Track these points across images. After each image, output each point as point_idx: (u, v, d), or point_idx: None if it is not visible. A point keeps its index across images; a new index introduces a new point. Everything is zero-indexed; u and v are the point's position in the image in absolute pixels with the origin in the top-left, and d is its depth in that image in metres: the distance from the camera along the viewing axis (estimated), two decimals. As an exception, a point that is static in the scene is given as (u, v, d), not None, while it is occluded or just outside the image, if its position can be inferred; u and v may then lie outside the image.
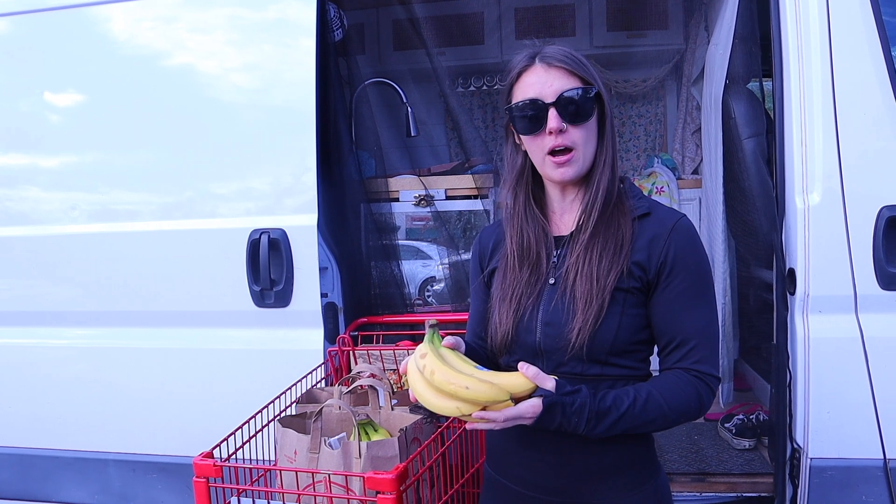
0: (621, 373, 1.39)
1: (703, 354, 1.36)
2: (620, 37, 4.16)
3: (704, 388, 1.35)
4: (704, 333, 1.37)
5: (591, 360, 1.37)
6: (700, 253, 1.40)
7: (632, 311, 1.38)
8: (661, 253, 1.37)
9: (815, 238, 2.14)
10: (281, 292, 2.45)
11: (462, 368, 1.28)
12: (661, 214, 1.42)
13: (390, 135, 3.30)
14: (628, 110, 4.62)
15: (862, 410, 2.12)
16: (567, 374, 1.37)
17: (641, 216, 1.41)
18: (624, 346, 1.37)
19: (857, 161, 2.13)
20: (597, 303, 1.35)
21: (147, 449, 2.68)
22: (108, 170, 2.69)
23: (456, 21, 3.83)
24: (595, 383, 1.36)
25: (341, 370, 2.30)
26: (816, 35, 2.16)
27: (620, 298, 1.37)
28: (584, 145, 1.40)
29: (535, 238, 1.47)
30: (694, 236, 1.40)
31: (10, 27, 2.75)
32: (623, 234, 1.39)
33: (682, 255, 1.37)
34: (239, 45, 2.58)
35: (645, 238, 1.39)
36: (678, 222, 1.40)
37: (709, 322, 1.38)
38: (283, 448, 1.75)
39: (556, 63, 1.38)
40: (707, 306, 1.39)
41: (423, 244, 3.34)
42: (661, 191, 3.62)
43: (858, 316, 2.13)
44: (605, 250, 1.38)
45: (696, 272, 1.38)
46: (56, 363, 2.77)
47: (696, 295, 1.37)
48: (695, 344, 1.36)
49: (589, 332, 1.34)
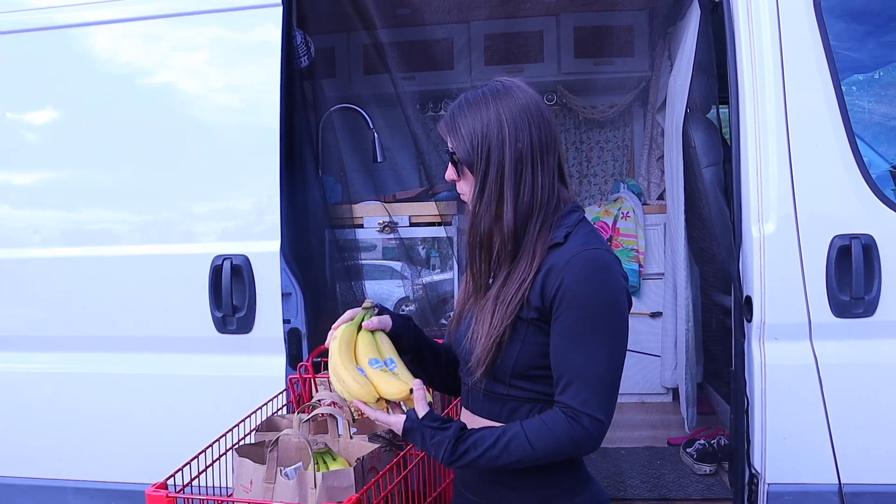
0: (527, 395, 1.41)
1: (582, 393, 1.32)
2: (587, 63, 4.21)
3: (580, 429, 1.31)
4: (588, 372, 1.32)
5: (497, 381, 1.42)
6: (596, 288, 1.35)
7: (533, 340, 1.39)
8: (553, 285, 1.35)
9: (770, 266, 2.19)
10: (243, 318, 2.44)
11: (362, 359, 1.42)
12: (568, 246, 1.39)
13: (356, 159, 3.31)
14: (595, 136, 4.68)
15: (817, 436, 2.16)
16: (482, 389, 1.46)
17: (553, 246, 1.41)
18: (525, 371, 1.40)
19: (810, 190, 2.18)
20: (499, 328, 1.39)
21: (107, 476, 2.64)
22: (79, 188, 2.69)
23: (425, 47, 3.87)
24: (503, 401, 1.43)
25: (303, 397, 2.29)
26: (769, 66, 2.22)
27: (522, 327, 1.39)
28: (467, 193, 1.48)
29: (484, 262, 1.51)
30: (591, 270, 1.35)
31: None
32: (526, 265, 1.40)
33: (572, 290, 1.34)
34: (211, 65, 2.59)
35: (547, 270, 1.38)
36: (576, 255, 1.36)
37: (596, 361, 1.33)
38: (239, 478, 1.73)
39: (440, 125, 1.49)
40: (596, 345, 1.33)
41: (397, 264, 3.35)
42: (626, 216, 3.67)
43: (813, 343, 2.17)
44: (514, 278, 1.41)
45: (586, 309, 1.34)
46: (14, 388, 2.72)
47: (585, 332, 1.33)
48: (571, 381, 1.33)
49: (491, 355, 1.39)
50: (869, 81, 2.51)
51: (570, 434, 1.32)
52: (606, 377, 1.34)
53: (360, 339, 1.47)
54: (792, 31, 2.21)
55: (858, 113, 2.37)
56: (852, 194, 2.16)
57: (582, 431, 1.32)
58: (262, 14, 2.53)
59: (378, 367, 1.42)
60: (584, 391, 1.32)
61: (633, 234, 3.62)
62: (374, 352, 1.45)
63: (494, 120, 1.42)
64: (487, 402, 1.46)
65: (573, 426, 1.32)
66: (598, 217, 3.68)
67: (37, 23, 2.68)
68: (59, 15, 2.67)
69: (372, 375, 1.41)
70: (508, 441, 1.34)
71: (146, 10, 2.61)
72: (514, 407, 1.42)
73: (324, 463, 1.72)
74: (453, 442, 1.34)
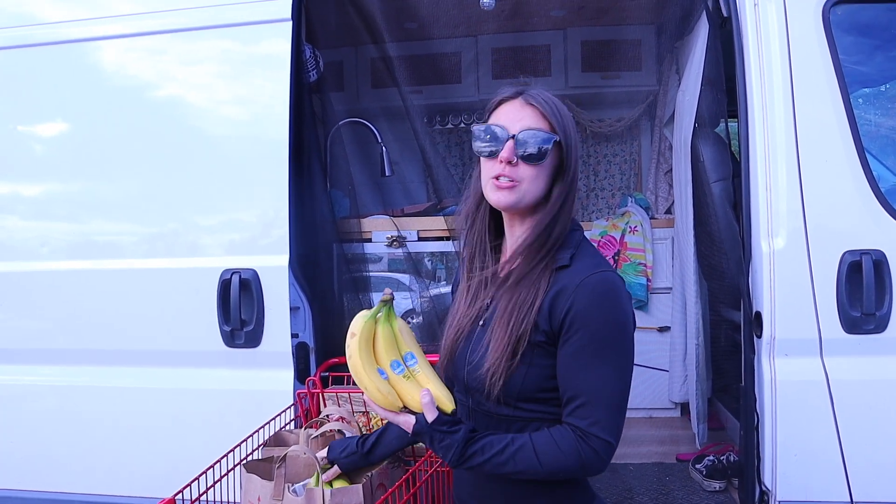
0: (532, 416, 1.40)
1: (593, 414, 1.32)
2: (595, 77, 4.22)
3: (588, 450, 1.31)
4: (598, 394, 1.32)
5: (502, 403, 1.40)
6: (607, 311, 1.35)
7: (540, 363, 1.37)
8: (562, 308, 1.34)
9: (780, 282, 2.18)
10: (251, 332, 2.44)
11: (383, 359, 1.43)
12: (577, 268, 1.39)
13: (364, 173, 3.32)
14: (603, 149, 4.68)
15: (828, 453, 2.14)
16: (484, 411, 1.43)
17: (560, 268, 1.40)
18: (531, 394, 1.38)
19: (820, 205, 2.18)
20: (508, 352, 1.36)
21: (114, 490, 2.63)
22: (87, 201, 2.70)
23: (433, 61, 3.89)
24: (508, 423, 1.41)
25: (311, 412, 2.28)
26: (778, 80, 2.22)
27: (528, 350, 1.37)
28: (530, 183, 1.40)
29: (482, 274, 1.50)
30: (602, 293, 1.35)
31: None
32: (539, 285, 1.39)
33: (584, 313, 1.33)
34: (219, 78, 2.61)
35: (553, 292, 1.37)
36: (587, 278, 1.35)
37: (605, 382, 1.33)
38: (247, 494, 1.73)
39: (532, 102, 1.42)
40: (607, 366, 1.33)
41: (404, 276, 3.35)
42: (634, 230, 3.66)
43: (824, 359, 2.15)
44: (524, 301, 1.39)
45: (597, 331, 1.33)
46: (21, 401, 2.73)
47: (594, 353, 1.33)
48: (583, 402, 1.32)
49: (502, 378, 1.37)
50: (878, 95, 2.51)
51: (577, 453, 1.32)
52: (615, 399, 1.34)
53: (380, 334, 1.46)
54: (800, 45, 2.21)
55: (867, 127, 2.37)
56: (862, 209, 2.16)
57: (590, 452, 1.32)
58: (271, 28, 2.55)
59: (400, 372, 1.43)
60: (594, 413, 1.32)
61: (641, 248, 3.61)
62: (395, 351, 1.45)
63: (572, 124, 1.45)
64: (491, 424, 1.43)
65: (581, 446, 1.32)
66: (605, 231, 3.67)
67: (46, 37, 2.70)
68: (67, 30, 2.69)
69: (395, 383, 1.42)
70: (516, 451, 1.34)
71: (155, 25, 2.63)
72: (519, 427, 1.41)
73: None
74: (462, 445, 1.35)
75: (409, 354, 1.46)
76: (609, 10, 3.65)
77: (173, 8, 2.61)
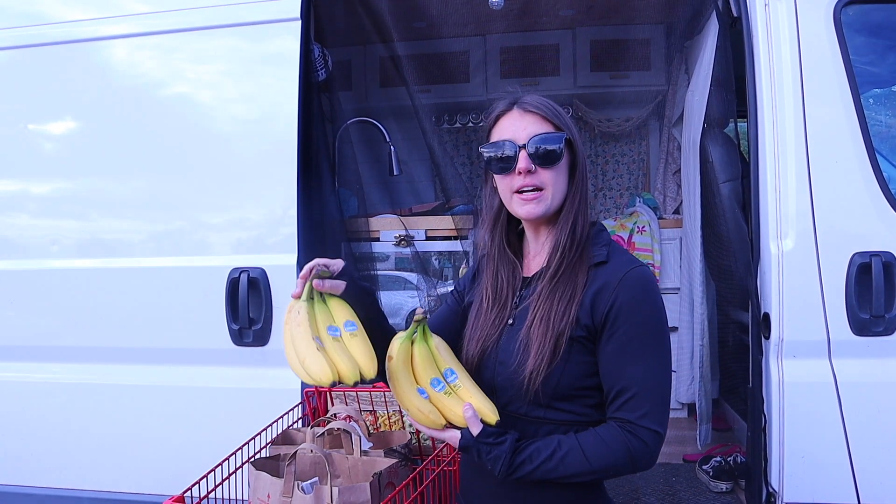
0: (565, 417, 1.40)
1: (641, 407, 1.33)
2: (603, 77, 4.22)
3: (637, 443, 1.33)
4: (645, 386, 1.34)
5: (535, 403, 1.39)
6: (650, 305, 1.38)
7: (578, 359, 1.38)
8: (606, 304, 1.36)
9: (788, 283, 2.17)
10: (259, 331, 2.45)
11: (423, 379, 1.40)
12: (615, 264, 1.41)
13: (372, 172, 3.32)
14: (611, 149, 4.68)
15: (836, 455, 2.14)
16: (513, 413, 1.41)
17: (597, 264, 1.42)
18: (567, 392, 1.38)
19: (830, 207, 2.17)
20: (549, 348, 1.36)
21: (121, 487, 2.65)
22: (97, 198, 2.71)
23: (442, 60, 3.89)
24: (537, 425, 1.40)
25: (318, 410, 2.29)
26: (788, 81, 2.21)
27: (567, 346, 1.38)
28: (553, 186, 1.42)
29: (507, 280, 1.51)
30: (644, 287, 1.38)
31: (7, 56, 2.77)
32: (577, 281, 1.40)
33: (628, 307, 1.36)
34: (227, 77, 2.61)
35: (594, 287, 1.39)
36: (628, 273, 1.38)
37: (652, 376, 1.35)
38: (256, 491, 1.73)
39: (531, 109, 1.43)
40: (652, 359, 1.36)
41: (411, 275, 3.36)
42: (642, 230, 3.65)
43: (832, 361, 2.15)
44: (562, 297, 1.39)
45: (642, 324, 1.36)
46: (30, 398, 2.74)
47: (639, 347, 1.35)
48: (632, 396, 1.34)
49: (542, 375, 1.36)
50: (889, 96, 2.50)
51: (627, 449, 1.33)
52: (662, 390, 1.37)
53: (417, 354, 1.43)
54: (811, 45, 2.21)
55: (878, 128, 2.36)
56: (872, 211, 2.15)
57: (640, 445, 1.33)
58: (280, 27, 2.55)
59: (441, 390, 1.41)
60: (643, 405, 1.33)
61: (649, 249, 3.60)
62: (434, 369, 1.43)
63: (574, 124, 1.47)
64: (518, 427, 1.40)
65: (631, 440, 1.33)
66: (613, 231, 3.67)
67: (57, 37, 2.71)
68: (78, 29, 2.71)
69: (437, 401, 1.40)
70: (565, 455, 1.33)
71: (164, 24, 2.64)
72: (548, 430, 1.40)
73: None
74: (510, 455, 1.34)
75: (448, 371, 1.43)
76: (618, 10, 3.64)
77: (183, 7, 2.62)
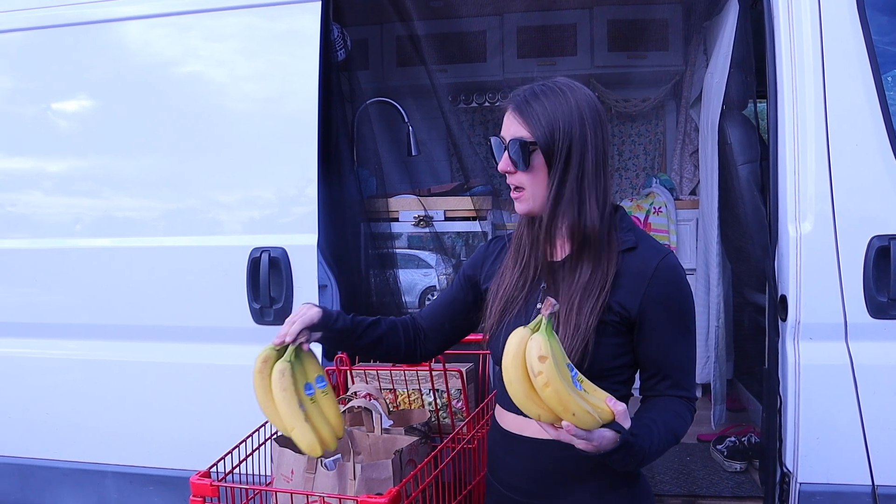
0: None
1: (688, 383, 1.46)
2: (621, 57, 4.20)
3: (691, 410, 1.45)
4: (687, 365, 1.46)
5: None
6: (683, 290, 1.45)
7: (608, 341, 1.42)
8: (643, 293, 1.41)
9: (806, 266, 2.17)
10: (280, 310, 2.47)
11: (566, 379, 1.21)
12: (645, 251, 1.45)
13: (391, 152, 3.33)
14: (628, 129, 4.67)
15: (851, 437, 2.14)
16: None
17: (626, 250, 1.44)
18: (598, 372, 1.40)
19: (849, 189, 2.16)
20: (581, 333, 1.38)
21: (144, 461, 2.70)
22: (114, 176, 2.73)
23: (459, 39, 3.87)
24: None
25: (338, 388, 2.32)
26: (809, 61, 2.19)
27: (599, 329, 1.40)
28: (532, 188, 1.44)
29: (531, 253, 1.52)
30: (676, 274, 1.45)
31: (24, 38, 2.79)
32: (606, 268, 1.42)
33: (665, 296, 1.42)
34: (244, 55, 2.62)
35: (627, 275, 1.42)
36: (661, 262, 1.43)
37: (690, 353, 1.47)
38: (279, 467, 1.77)
39: (512, 108, 1.45)
40: (688, 338, 1.46)
41: (424, 253, 3.37)
42: (658, 211, 3.66)
43: (848, 344, 2.15)
44: (590, 283, 1.41)
45: (679, 309, 1.44)
46: (55, 374, 2.79)
47: (679, 330, 1.44)
48: (681, 376, 1.45)
49: (576, 360, 1.37)
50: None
51: (690, 417, 1.44)
52: (695, 361, 1.50)
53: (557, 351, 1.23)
54: (833, 25, 2.18)
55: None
56: (892, 194, 2.13)
57: (692, 411, 1.46)
58: (298, 7, 2.55)
59: (580, 387, 1.24)
60: (689, 379, 1.46)
61: (665, 230, 3.61)
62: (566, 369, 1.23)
63: (576, 113, 1.42)
64: None
65: (691, 409, 1.45)
66: (630, 212, 3.68)
67: (73, 18, 2.72)
68: (92, 10, 2.71)
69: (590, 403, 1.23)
70: (663, 433, 1.36)
71: (181, 4, 2.64)
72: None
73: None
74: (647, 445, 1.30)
75: (569, 365, 1.25)
76: (637, -11, 3.62)
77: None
